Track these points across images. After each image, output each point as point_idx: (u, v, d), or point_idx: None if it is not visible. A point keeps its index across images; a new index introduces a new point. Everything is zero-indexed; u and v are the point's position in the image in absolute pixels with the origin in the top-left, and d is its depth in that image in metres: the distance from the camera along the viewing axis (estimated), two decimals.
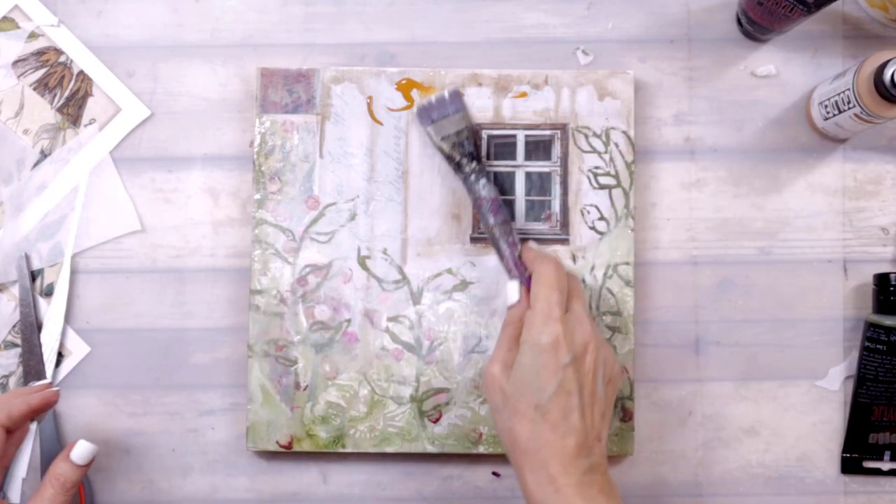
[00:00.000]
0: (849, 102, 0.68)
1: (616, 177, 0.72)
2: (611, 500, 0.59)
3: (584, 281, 0.71)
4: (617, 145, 0.72)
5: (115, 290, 0.73)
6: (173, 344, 0.73)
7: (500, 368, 0.62)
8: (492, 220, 0.67)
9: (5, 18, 0.75)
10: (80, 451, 0.62)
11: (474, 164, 0.69)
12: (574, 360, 0.60)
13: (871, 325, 0.71)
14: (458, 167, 0.69)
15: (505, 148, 0.73)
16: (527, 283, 0.65)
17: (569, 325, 0.61)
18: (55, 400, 0.64)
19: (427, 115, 0.70)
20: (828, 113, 0.71)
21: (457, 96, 0.71)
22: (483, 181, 0.68)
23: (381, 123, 0.73)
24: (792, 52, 0.75)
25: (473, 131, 0.70)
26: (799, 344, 0.73)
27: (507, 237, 0.67)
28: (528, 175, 0.72)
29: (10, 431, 0.63)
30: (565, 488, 0.58)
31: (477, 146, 0.70)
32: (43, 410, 0.65)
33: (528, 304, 0.63)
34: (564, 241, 0.72)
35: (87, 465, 0.63)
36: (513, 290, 0.65)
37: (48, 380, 0.66)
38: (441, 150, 0.70)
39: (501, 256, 0.67)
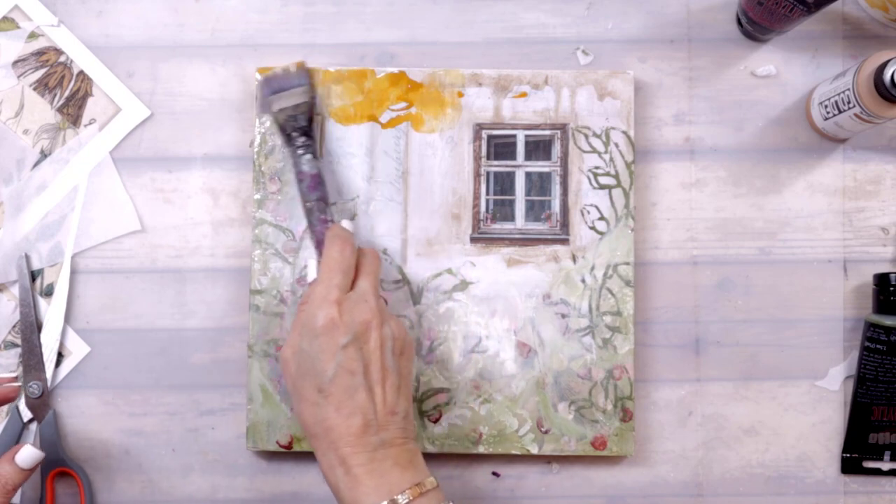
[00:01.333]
0: (849, 102, 0.68)
1: (616, 177, 0.72)
2: (407, 470, 0.59)
3: (583, 281, 0.71)
4: (617, 145, 0.72)
5: (115, 290, 0.73)
6: (173, 344, 0.73)
7: (291, 353, 0.62)
8: (308, 196, 0.69)
9: (5, 18, 0.75)
10: (26, 455, 0.62)
11: (303, 139, 0.70)
12: (355, 339, 0.60)
13: (871, 325, 0.71)
14: (288, 139, 0.70)
15: (505, 148, 0.73)
16: None
17: (347, 304, 0.61)
18: (14, 396, 0.65)
19: (269, 85, 0.71)
20: (828, 113, 0.71)
21: (303, 71, 0.72)
22: (308, 157, 0.69)
23: (382, 123, 0.73)
24: (792, 52, 0.75)
25: (312, 107, 0.71)
26: (799, 344, 0.73)
27: (321, 214, 0.68)
28: (528, 175, 0.72)
29: None
30: (355, 468, 0.58)
31: (311, 122, 0.71)
32: (1, 404, 0.65)
33: None
34: (564, 241, 0.72)
35: (31, 471, 0.63)
36: (311, 268, 0.67)
37: (14, 373, 0.66)
38: (276, 121, 0.70)
39: (312, 233, 0.68)
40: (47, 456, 0.71)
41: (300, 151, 0.69)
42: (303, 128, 0.70)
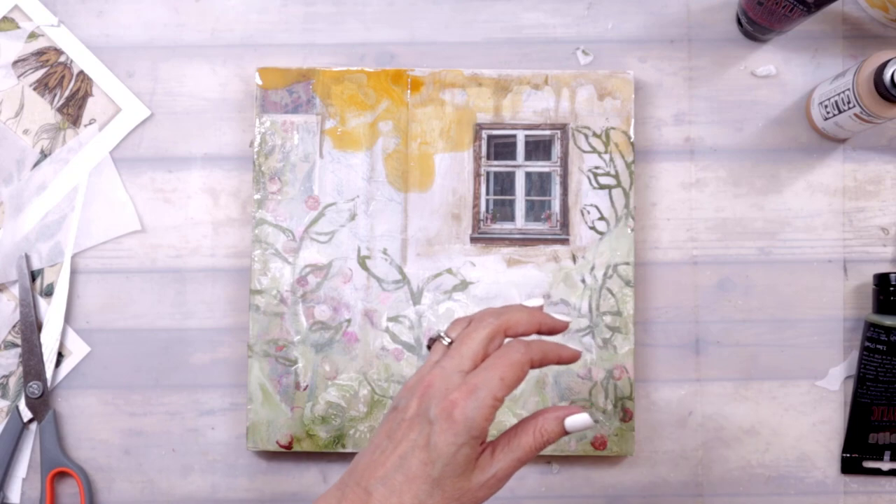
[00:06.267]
0: (849, 102, 0.68)
1: (616, 177, 0.72)
2: None
3: (583, 281, 0.71)
4: (617, 145, 0.72)
5: (115, 290, 0.73)
6: (173, 344, 0.73)
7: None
8: None
9: (5, 18, 0.75)
10: (576, 421, 0.55)
11: None
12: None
13: (871, 325, 0.71)
14: None
15: (505, 148, 0.73)
16: None
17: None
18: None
19: None
20: (828, 113, 0.71)
21: None
22: None
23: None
24: (792, 52, 0.75)
25: None
26: (799, 344, 0.73)
27: None
28: (528, 175, 0.72)
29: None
30: None
31: None
32: (552, 333, 0.58)
33: None
34: (564, 241, 0.72)
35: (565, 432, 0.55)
36: None
37: (541, 301, 0.58)
38: None
39: None
40: (47, 456, 0.71)
41: None
42: None
